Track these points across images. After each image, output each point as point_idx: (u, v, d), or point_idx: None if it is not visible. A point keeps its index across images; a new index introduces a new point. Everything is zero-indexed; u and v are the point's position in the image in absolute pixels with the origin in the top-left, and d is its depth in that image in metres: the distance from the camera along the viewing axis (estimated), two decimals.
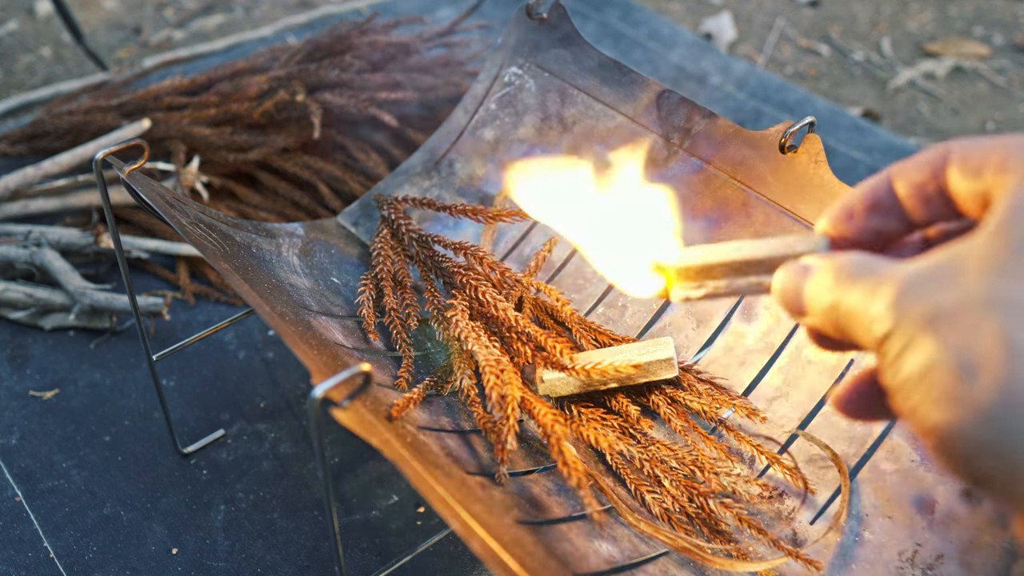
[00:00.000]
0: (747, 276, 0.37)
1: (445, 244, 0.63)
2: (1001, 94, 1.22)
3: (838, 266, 0.31)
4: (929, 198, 0.31)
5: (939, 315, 0.26)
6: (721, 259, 0.38)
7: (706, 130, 0.62)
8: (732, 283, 0.38)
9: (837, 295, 0.30)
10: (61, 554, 0.61)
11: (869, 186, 0.33)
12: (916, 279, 0.28)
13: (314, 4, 1.37)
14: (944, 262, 0.27)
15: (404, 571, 0.60)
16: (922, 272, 0.28)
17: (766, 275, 0.36)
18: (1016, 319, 0.24)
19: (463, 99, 0.73)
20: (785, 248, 0.35)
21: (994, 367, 0.24)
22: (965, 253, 0.27)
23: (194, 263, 0.84)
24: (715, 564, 0.49)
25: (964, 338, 0.25)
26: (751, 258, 0.37)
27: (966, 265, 0.27)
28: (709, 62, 1.18)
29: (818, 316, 0.32)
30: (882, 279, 0.29)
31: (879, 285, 0.29)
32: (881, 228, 0.33)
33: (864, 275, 0.30)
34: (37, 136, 0.93)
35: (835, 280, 0.31)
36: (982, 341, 0.25)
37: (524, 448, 0.54)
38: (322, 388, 0.38)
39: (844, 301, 0.30)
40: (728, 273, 0.38)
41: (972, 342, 0.25)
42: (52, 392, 0.73)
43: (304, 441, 0.69)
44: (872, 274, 0.29)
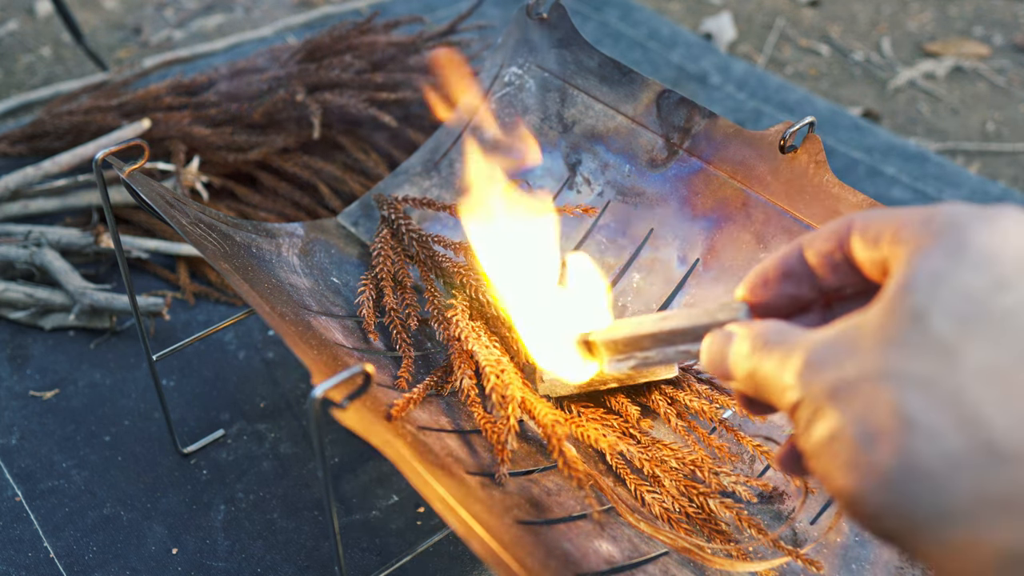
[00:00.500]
0: (675, 345, 0.39)
1: (445, 244, 0.63)
2: (1001, 94, 1.22)
3: (754, 335, 0.33)
4: (836, 266, 0.33)
5: (839, 387, 0.28)
6: (648, 331, 0.40)
7: (706, 130, 0.62)
8: (662, 351, 0.40)
9: (753, 363, 0.32)
10: (61, 554, 0.61)
11: (781, 255, 0.35)
12: (820, 350, 0.29)
13: (314, 4, 1.37)
14: (844, 333, 0.29)
15: (404, 571, 0.60)
16: (826, 343, 0.29)
17: (693, 343, 0.38)
18: (907, 390, 0.26)
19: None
20: (708, 317, 0.37)
21: (890, 436, 0.26)
22: (862, 324, 0.28)
23: (194, 263, 0.84)
24: (715, 564, 0.49)
25: (862, 409, 0.27)
26: (677, 328, 0.39)
27: (863, 336, 0.28)
28: (709, 62, 1.18)
29: (740, 382, 0.34)
30: (792, 349, 0.31)
31: (789, 355, 0.30)
32: (795, 294, 0.35)
33: (777, 344, 0.31)
34: (37, 136, 0.93)
35: (751, 348, 0.33)
36: (878, 412, 0.26)
37: (524, 448, 0.54)
38: (322, 388, 0.38)
39: (760, 369, 0.32)
40: (656, 343, 0.40)
41: (870, 413, 0.26)
42: (52, 392, 0.73)
43: (304, 441, 0.69)
44: (784, 343, 0.31)
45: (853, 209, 0.55)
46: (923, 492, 0.25)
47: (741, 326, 0.34)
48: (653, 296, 0.62)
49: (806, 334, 0.31)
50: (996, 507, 0.24)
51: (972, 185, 0.99)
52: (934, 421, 0.25)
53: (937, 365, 0.26)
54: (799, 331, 0.32)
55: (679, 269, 0.62)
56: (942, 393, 0.25)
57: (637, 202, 0.65)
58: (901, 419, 0.26)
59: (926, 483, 0.25)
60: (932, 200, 0.98)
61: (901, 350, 0.27)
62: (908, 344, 0.27)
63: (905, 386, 0.26)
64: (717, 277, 0.60)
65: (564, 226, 0.67)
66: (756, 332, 0.33)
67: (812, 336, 0.30)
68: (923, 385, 0.26)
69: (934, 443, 0.25)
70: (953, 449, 0.25)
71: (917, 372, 0.26)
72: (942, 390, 0.25)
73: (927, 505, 0.25)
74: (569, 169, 0.69)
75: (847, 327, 0.29)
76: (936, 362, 0.26)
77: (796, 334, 0.31)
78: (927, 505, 0.25)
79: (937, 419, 0.25)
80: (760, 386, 0.32)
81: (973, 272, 0.27)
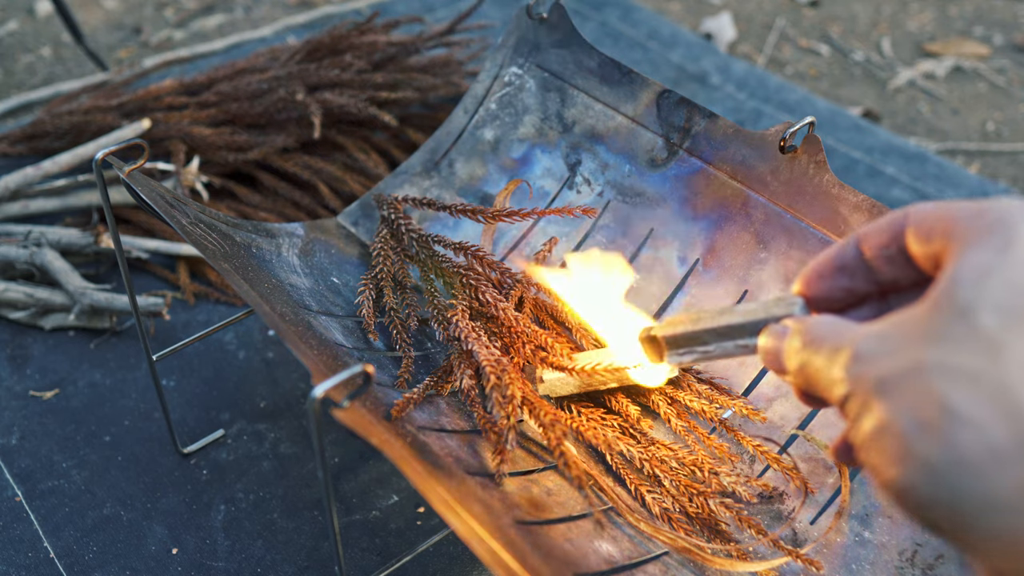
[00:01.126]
0: (734, 339, 0.40)
1: (445, 244, 0.63)
2: (1001, 94, 1.22)
3: (806, 329, 0.34)
4: (892, 259, 0.34)
5: (888, 381, 0.28)
6: (708, 326, 0.42)
7: (706, 130, 0.62)
8: (720, 346, 0.41)
9: (804, 357, 0.33)
10: (61, 554, 0.61)
11: (837, 248, 0.36)
12: (869, 344, 0.30)
13: (314, 4, 1.37)
14: (893, 328, 0.30)
15: (404, 571, 0.60)
16: (875, 337, 0.30)
17: (750, 338, 0.39)
18: (953, 383, 0.26)
19: (463, 99, 0.73)
20: (764, 312, 0.39)
21: (937, 429, 0.26)
22: (911, 319, 0.29)
23: (194, 263, 0.84)
24: (715, 564, 0.49)
25: (910, 402, 0.27)
26: (735, 324, 0.40)
27: (911, 331, 0.29)
28: (709, 62, 1.18)
29: (792, 375, 0.34)
30: (841, 343, 0.31)
31: (838, 349, 0.31)
32: (850, 287, 0.36)
33: (828, 339, 0.32)
34: (37, 136, 0.93)
35: (802, 343, 0.33)
36: (926, 405, 0.27)
37: (524, 448, 0.54)
38: (322, 388, 0.38)
39: (810, 363, 0.33)
40: (716, 338, 0.41)
41: (917, 406, 0.27)
42: (52, 392, 0.73)
43: (304, 441, 0.69)
44: (834, 338, 0.32)
45: (853, 209, 0.55)
46: (969, 484, 0.26)
47: (795, 321, 0.35)
48: (653, 296, 0.62)
49: (856, 328, 0.31)
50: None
51: (972, 185, 0.99)
52: (980, 414, 0.26)
53: (983, 359, 0.26)
54: (850, 325, 0.32)
55: (679, 269, 0.62)
56: (988, 386, 0.26)
57: (637, 202, 0.65)
58: (948, 412, 0.26)
59: (972, 475, 0.26)
60: (932, 200, 0.98)
61: (948, 344, 0.27)
62: (955, 339, 0.27)
63: (951, 379, 0.26)
64: (717, 277, 0.60)
65: (564, 226, 0.67)
66: (808, 327, 0.34)
67: (861, 330, 0.31)
68: (969, 379, 0.26)
69: (980, 436, 0.25)
70: (998, 442, 0.25)
71: (963, 366, 0.26)
72: (988, 383, 0.26)
73: (973, 497, 0.26)
74: (569, 169, 0.69)
75: (896, 321, 0.30)
76: (982, 356, 0.26)
77: (846, 328, 0.32)
78: (973, 497, 0.26)
79: (983, 412, 0.26)
80: (811, 380, 0.33)
81: (1020, 267, 0.27)
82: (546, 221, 0.67)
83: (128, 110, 0.91)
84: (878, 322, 0.31)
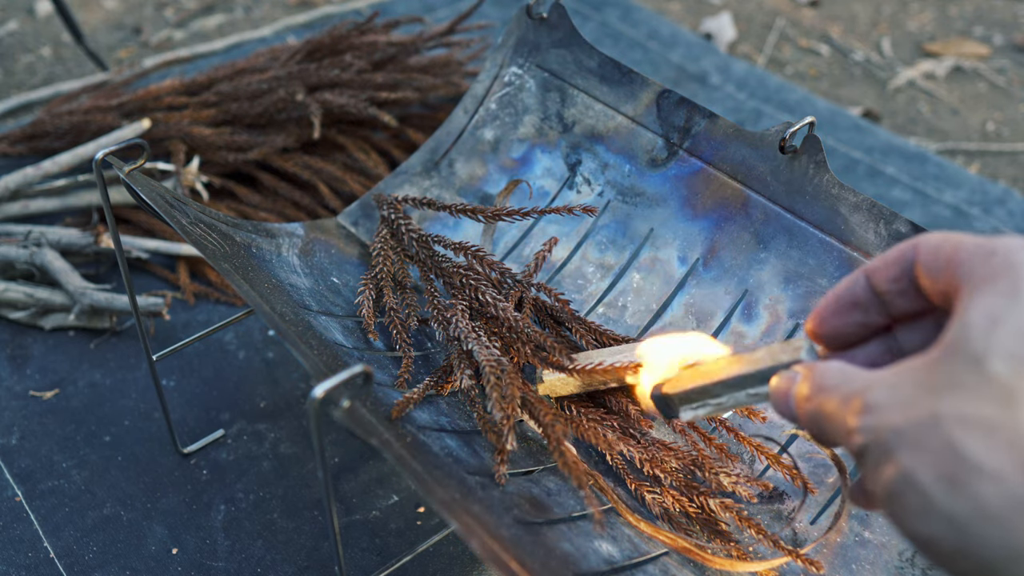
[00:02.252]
0: (744, 389, 0.40)
1: (445, 244, 0.63)
2: (1001, 94, 1.22)
3: (815, 376, 0.33)
4: (904, 292, 0.33)
5: (905, 432, 0.28)
6: (717, 378, 0.42)
7: (706, 130, 0.62)
8: (732, 397, 0.42)
9: (815, 405, 0.33)
10: (61, 554, 0.61)
11: (847, 284, 0.35)
12: (883, 394, 0.30)
13: (314, 4, 1.37)
14: (906, 376, 0.29)
15: (404, 571, 0.60)
16: (888, 385, 0.30)
17: (760, 386, 0.39)
18: (970, 433, 0.26)
19: (463, 99, 0.73)
20: (771, 360, 0.39)
21: (958, 481, 0.26)
22: (924, 368, 0.29)
23: (194, 263, 0.84)
24: (715, 564, 0.49)
25: (929, 455, 0.27)
26: (743, 373, 0.40)
27: (925, 381, 0.28)
28: (709, 62, 1.18)
29: (804, 423, 0.34)
30: (853, 392, 0.31)
31: (850, 398, 0.31)
32: (865, 321, 0.35)
33: (838, 387, 0.32)
34: (37, 136, 0.93)
35: (812, 391, 0.33)
36: (945, 457, 0.27)
37: (524, 448, 0.54)
38: (322, 388, 0.38)
39: (820, 411, 0.32)
40: (727, 389, 0.42)
41: (937, 459, 0.27)
42: (52, 392, 0.73)
43: (304, 441, 0.69)
44: (845, 386, 0.31)
45: (853, 209, 0.55)
46: (994, 536, 0.26)
47: (803, 367, 0.35)
48: (653, 296, 0.62)
49: (866, 376, 0.31)
50: None
51: (972, 185, 0.99)
52: (1000, 464, 0.26)
53: (997, 408, 0.26)
54: (860, 372, 0.32)
55: (679, 269, 0.62)
56: (1004, 435, 0.26)
57: (637, 202, 0.65)
58: (967, 464, 0.26)
59: (995, 526, 0.26)
60: (932, 200, 0.98)
61: (962, 393, 0.27)
62: (969, 387, 0.27)
63: (968, 430, 0.26)
64: (717, 277, 0.60)
65: (564, 226, 0.67)
66: (816, 374, 0.33)
67: (873, 378, 0.31)
68: (986, 428, 0.26)
69: (999, 486, 0.26)
70: (1018, 491, 0.25)
71: (979, 415, 0.26)
72: (1004, 432, 0.26)
73: (997, 548, 0.26)
74: (569, 169, 0.69)
75: (907, 369, 0.30)
76: (997, 404, 0.26)
77: (857, 376, 0.32)
78: (997, 548, 0.26)
79: (1002, 462, 0.26)
80: (823, 429, 0.33)
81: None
82: (546, 221, 0.67)
83: (128, 110, 0.91)
84: (889, 369, 0.30)
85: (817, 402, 0.33)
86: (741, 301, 0.59)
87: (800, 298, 0.57)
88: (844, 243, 0.56)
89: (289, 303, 0.54)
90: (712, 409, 0.44)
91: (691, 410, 0.44)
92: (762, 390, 0.39)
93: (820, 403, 0.32)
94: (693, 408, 0.44)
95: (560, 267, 0.65)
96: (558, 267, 0.65)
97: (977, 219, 0.95)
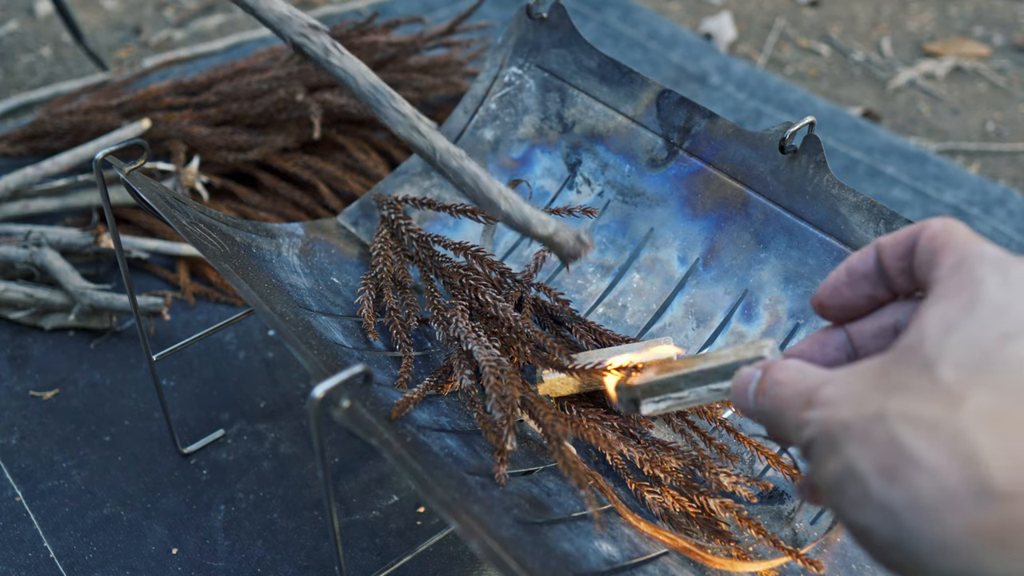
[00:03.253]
0: (707, 384, 0.42)
1: (445, 244, 0.63)
2: (1001, 94, 1.22)
3: (774, 371, 0.35)
4: (905, 271, 0.35)
5: (852, 426, 0.29)
6: (681, 372, 0.43)
7: (706, 130, 0.62)
8: (694, 391, 0.43)
9: (770, 398, 0.34)
10: (61, 554, 0.61)
11: (860, 256, 0.36)
12: (835, 390, 0.31)
13: (314, 4, 1.37)
14: (859, 375, 0.31)
15: (404, 571, 0.60)
16: (840, 383, 0.31)
17: (723, 382, 0.41)
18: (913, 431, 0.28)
19: (463, 99, 0.73)
20: (735, 356, 0.40)
21: (896, 474, 0.28)
22: (877, 368, 0.31)
23: (194, 263, 0.84)
24: (715, 564, 0.49)
25: (872, 448, 0.29)
26: (707, 368, 0.42)
27: (876, 380, 0.30)
28: (709, 62, 1.18)
29: (758, 416, 0.36)
30: (806, 387, 0.32)
31: (803, 393, 0.32)
32: (873, 294, 0.36)
33: (793, 382, 0.33)
34: (37, 136, 0.93)
35: (769, 385, 0.34)
36: (887, 451, 0.28)
37: (524, 448, 0.54)
38: (322, 388, 0.38)
39: (776, 404, 0.34)
40: (689, 383, 0.43)
41: (879, 452, 0.28)
42: (52, 392, 0.73)
43: (304, 441, 0.69)
44: (800, 381, 0.33)
45: (853, 209, 0.55)
46: (924, 526, 0.27)
47: (763, 364, 0.36)
48: (653, 296, 0.62)
49: (821, 373, 0.33)
50: (989, 541, 0.26)
51: (972, 185, 0.99)
52: (936, 459, 0.27)
53: (941, 409, 0.28)
54: (815, 370, 0.33)
55: (679, 269, 0.62)
56: (944, 435, 0.27)
57: (637, 202, 0.65)
58: (906, 457, 0.27)
59: (927, 518, 0.27)
60: (932, 200, 0.98)
61: (911, 394, 0.29)
62: (917, 389, 0.29)
63: (911, 427, 0.28)
64: (717, 277, 0.60)
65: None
66: (775, 369, 0.35)
67: (828, 375, 0.32)
68: (928, 427, 0.27)
69: (934, 479, 0.27)
70: (951, 485, 0.27)
71: (923, 415, 0.28)
72: (945, 432, 0.27)
73: (926, 540, 0.27)
74: (569, 169, 0.69)
75: (861, 369, 0.31)
76: (942, 406, 0.28)
77: (812, 373, 0.33)
78: (926, 540, 0.27)
79: (939, 458, 0.27)
80: (775, 422, 0.34)
81: (982, 324, 0.29)
82: None
83: (128, 110, 0.91)
84: (845, 368, 0.32)
85: (772, 395, 0.34)
86: (741, 301, 0.59)
87: (800, 298, 0.57)
88: (844, 243, 0.56)
89: (289, 303, 0.54)
90: (674, 403, 0.44)
91: (652, 403, 0.45)
92: (724, 385, 0.41)
93: (775, 396, 0.34)
94: (655, 401, 0.45)
95: (560, 267, 0.65)
96: (558, 267, 0.65)
97: (977, 219, 0.95)
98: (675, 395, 0.44)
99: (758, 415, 0.36)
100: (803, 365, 0.34)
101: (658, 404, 0.45)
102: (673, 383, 0.44)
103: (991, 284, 0.29)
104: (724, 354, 0.41)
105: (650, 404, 0.46)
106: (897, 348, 0.30)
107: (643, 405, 0.46)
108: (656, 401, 0.45)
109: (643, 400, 0.46)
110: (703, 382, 0.42)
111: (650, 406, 0.46)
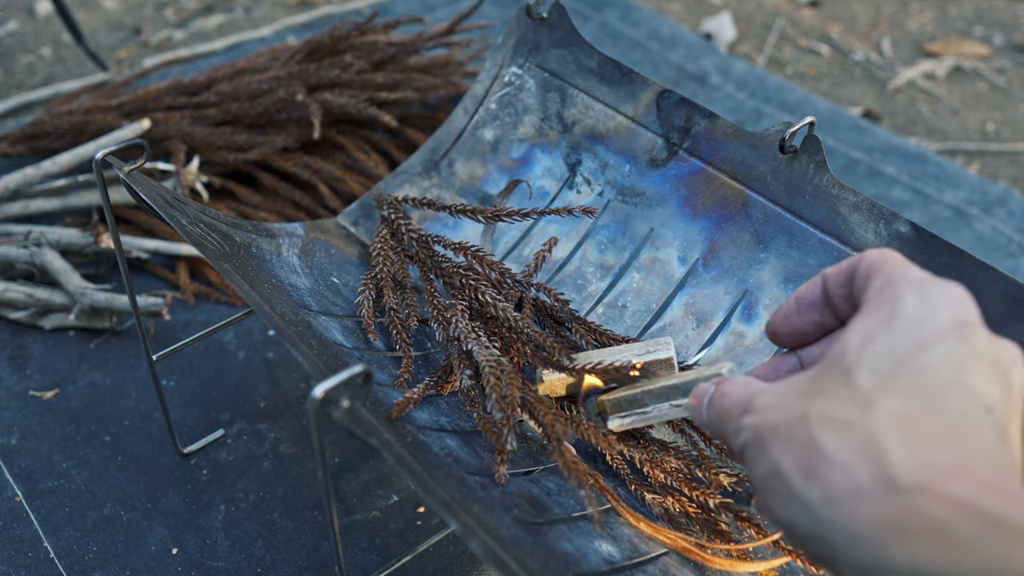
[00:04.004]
0: (669, 400, 0.47)
1: (445, 244, 0.63)
2: (1001, 94, 1.22)
3: (723, 385, 0.38)
4: (847, 298, 0.37)
5: (779, 429, 0.32)
6: (645, 388, 0.48)
7: (706, 130, 0.62)
8: (657, 407, 0.47)
9: (716, 408, 0.37)
10: (61, 554, 0.61)
11: (808, 286, 0.39)
12: (768, 399, 0.34)
13: (314, 4, 1.37)
14: (789, 386, 0.34)
15: (404, 571, 0.60)
16: (773, 393, 0.34)
17: (683, 398, 0.46)
18: (830, 431, 0.30)
19: (463, 99, 0.73)
20: (695, 375, 0.44)
21: (814, 471, 0.30)
22: (805, 379, 0.33)
23: (194, 263, 0.84)
24: (715, 564, 0.49)
25: (794, 449, 0.31)
26: (668, 385, 0.46)
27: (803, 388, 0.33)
28: (709, 62, 1.18)
29: (709, 425, 0.38)
30: (747, 397, 0.35)
31: (743, 402, 0.35)
32: (821, 321, 0.39)
33: (736, 394, 0.36)
34: (37, 136, 0.93)
35: (717, 396, 0.37)
36: (806, 450, 0.31)
37: (524, 448, 0.54)
38: (322, 388, 0.38)
39: (720, 414, 0.37)
40: (653, 399, 0.47)
41: (800, 452, 0.31)
42: (52, 392, 0.73)
43: (304, 441, 0.69)
44: (741, 393, 0.36)
45: (853, 209, 0.55)
46: (838, 519, 0.29)
47: (717, 381, 0.39)
48: (653, 296, 0.62)
49: (762, 385, 0.36)
50: (894, 532, 0.28)
51: (972, 185, 0.99)
52: (848, 457, 0.29)
53: (855, 412, 0.30)
54: (758, 383, 0.36)
55: (679, 269, 0.62)
56: (857, 435, 0.30)
57: (637, 202, 0.65)
58: (822, 456, 0.30)
59: (840, 511, 0.29)
60: (932, 200, 0.98)
61: (830, 399, 0.31)
62: (836, 395, 0.31)
63: (828, 428, 0.30)
64: (717, 277, 0.60)
65: (564, 226, 0.67)
66: (724, 384, 0.38)
67: (766, 387, 0.35)
68: (842, 427, 0.30)
69: (846, 475, 0.29)
70: (861, 481, 0.29)
71: (839, 417, 0.30)
72: (857, 433, 0.30)
73: (842, 531, 0.29)
74: (569, 169, 0.69)
75: (793, 380, 0.34)
76: (855, 409, 0.30)
77: (755, 385, 0.36)
78: (842, 531, 0.29)
79: (851, 455, 0.29)
80: (719, 429, 0.37)
81: (899, 336, 0.31)
82: (546, 221, 0.67)
83: (128, 110, 0.91)
84: (781, 381, 0.35)
85: (719, 405, 0.37)
86: (741, 301, 0.59)
87: None
88: (844, 243, 0.56)
89: (289, 303, 0.54)
90: (638, 419, 0.48)
91: (619, 418, 0.49)
92: (683, 402, 0.45)
93: (720, 406, 0.37)
94: (621, 416, 0.49)
95: (560, 267, 0.65)
96: (558, 267, 0.65)
97: (977, 219, 0.95)
98: (639, 411, 0.48)
99: (709, 425, 0.38)
100: (749, 380, 0.37)
101: (623, 419, 0.48)
102: (638, 399, 0.47)
103: (909, 300, 0.32)
104: (688, 374, 0.45)
105: (616, 419, 0.49)
106: (825, 360, 0.33)
107: (610, 420, 0.49)
108: (622, 416, 0.48)
109: (610, 415, 0.49)
110: (665, 398, 0.46)
111: (616, 421, 0.49)
